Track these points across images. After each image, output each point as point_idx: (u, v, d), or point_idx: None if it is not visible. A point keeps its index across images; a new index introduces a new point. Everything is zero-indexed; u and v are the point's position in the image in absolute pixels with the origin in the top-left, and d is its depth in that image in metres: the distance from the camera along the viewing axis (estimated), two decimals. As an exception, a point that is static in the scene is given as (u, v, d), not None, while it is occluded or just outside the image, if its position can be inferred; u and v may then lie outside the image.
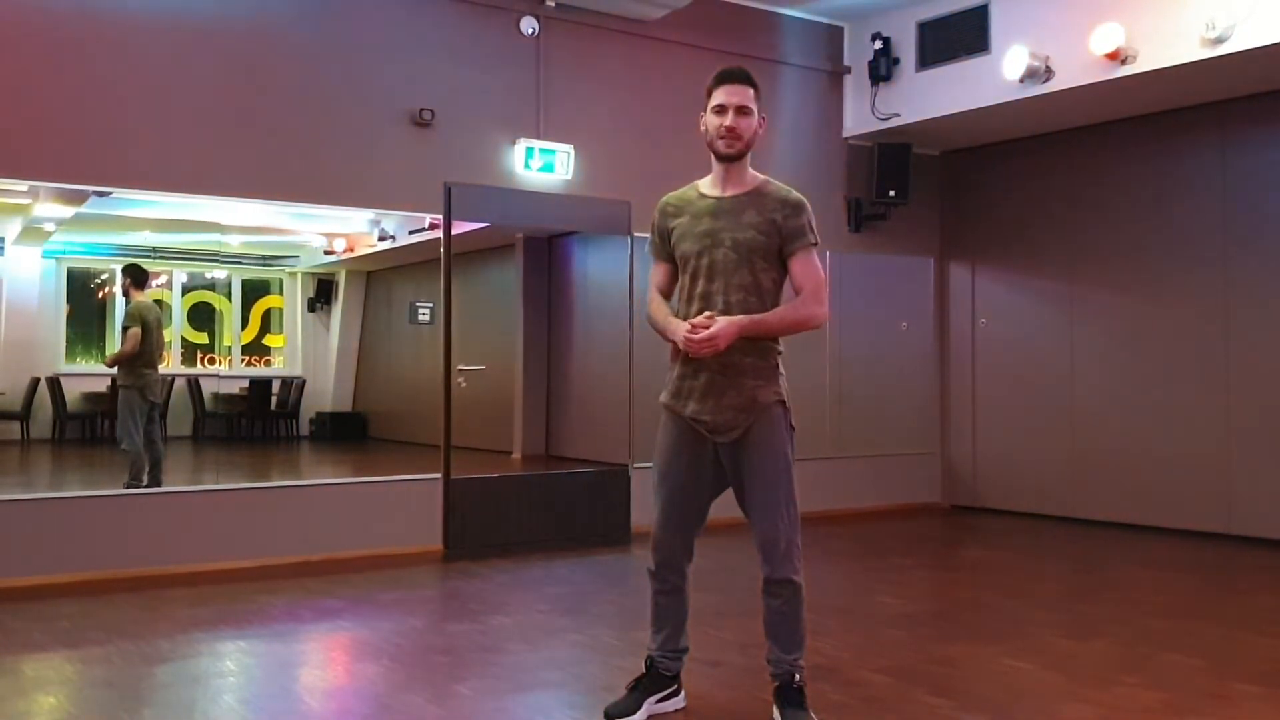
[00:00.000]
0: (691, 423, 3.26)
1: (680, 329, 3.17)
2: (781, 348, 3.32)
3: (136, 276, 7.28)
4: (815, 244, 3.25)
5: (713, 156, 3.29)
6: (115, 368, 7.12)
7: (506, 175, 6.92)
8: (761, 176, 3.32)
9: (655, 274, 3.41)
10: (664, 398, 3.36)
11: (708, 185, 3.34)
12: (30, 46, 5.59)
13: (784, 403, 3.27)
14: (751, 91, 3.22)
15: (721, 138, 3.21)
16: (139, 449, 6.75)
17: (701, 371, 3.21)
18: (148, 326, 6.98)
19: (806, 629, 3.32)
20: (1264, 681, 3.84)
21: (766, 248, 3.21)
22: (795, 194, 3.27)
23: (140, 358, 6.95)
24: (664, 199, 3.41)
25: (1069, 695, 3.66)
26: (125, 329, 7.02)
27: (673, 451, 3.32)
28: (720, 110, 3.20)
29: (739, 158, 3.25)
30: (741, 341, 3.15)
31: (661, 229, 3.37)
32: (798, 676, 3.27)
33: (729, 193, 3.27)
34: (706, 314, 3.16)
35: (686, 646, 3.46)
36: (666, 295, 3.37)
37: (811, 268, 3.24)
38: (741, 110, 3.20)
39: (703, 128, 3.27)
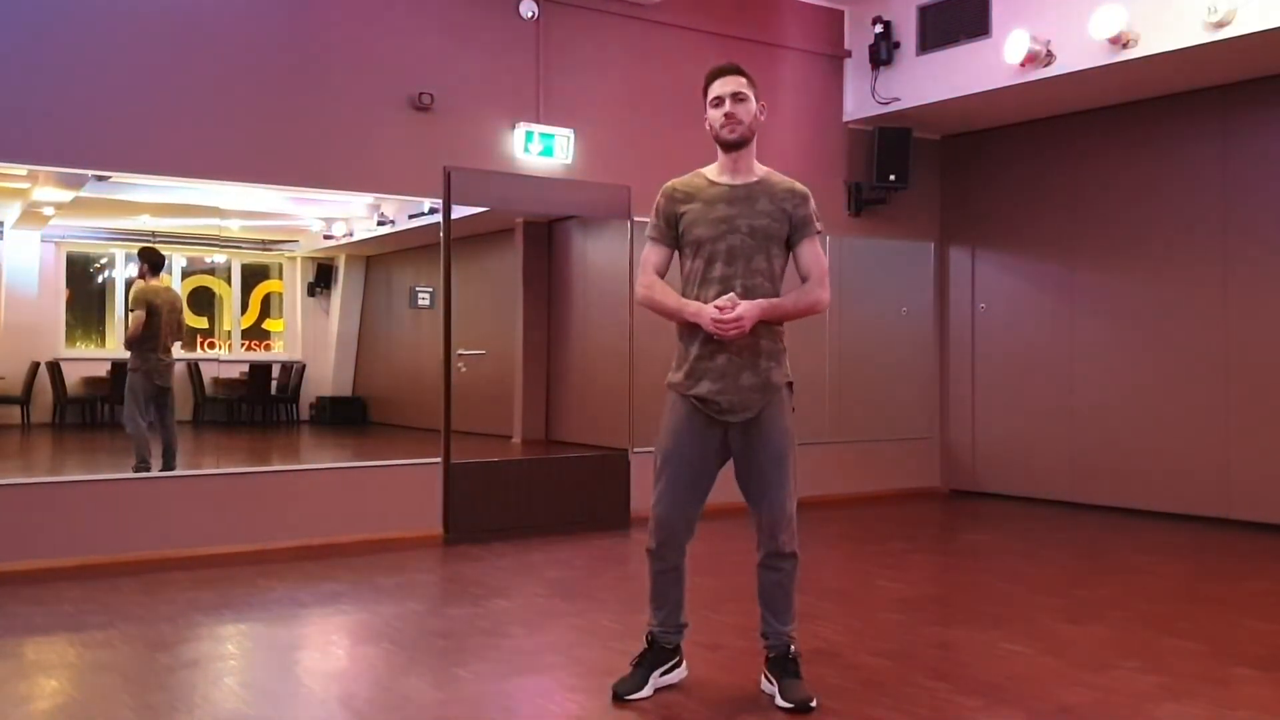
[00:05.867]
0: (700, 403, 3.32)
1: (706, 311, 3.24)
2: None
3: (153, 261, 7.15)
4: (820, 232, 3.44)
5: (719, 148, 3.41)
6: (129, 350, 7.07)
7: (506, 159, 6.90)
8: (765, 167, 3.46)
9: (653, 256, 3.45)
10: (674, 378, 3.41)
11: (715, 173, 3.45)
12: (28, 31, 5.57)
13: (791, 384, 3.42)
14: (744, 79, 3.37)
15: (724, 125, 3.34)
16: (142, 433, 6.72)
17: (719, 353, 3.31)
18: (153, 310, 6.92)
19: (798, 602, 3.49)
20: (1262, 665, 3.85)
21: (778, 234, 3.37)
22: (800, 185, 3.44)
23: (147, 341, 6.92)
24: (670, 184, 3.47)
25: (1067, 679, 3.67)
26: (130, 311, 6.97)
27: (680, 432, 3.38)
28: (718, 102, 3.35)
29: (743, 144, 3.38)
30: (759, 324, 3.27)
31: (668, 214, 3.43)
32: (793, 647, 3.42)
33: (739, 180, 3.40)
34: (728, 296, 3.25)
35: (686, 621, 3.56)
36: (661, 277, 3.44)
37: (817, 254, 3.43)
38: (737, 97, 3.34)
39: (708, 125, 3.40)
